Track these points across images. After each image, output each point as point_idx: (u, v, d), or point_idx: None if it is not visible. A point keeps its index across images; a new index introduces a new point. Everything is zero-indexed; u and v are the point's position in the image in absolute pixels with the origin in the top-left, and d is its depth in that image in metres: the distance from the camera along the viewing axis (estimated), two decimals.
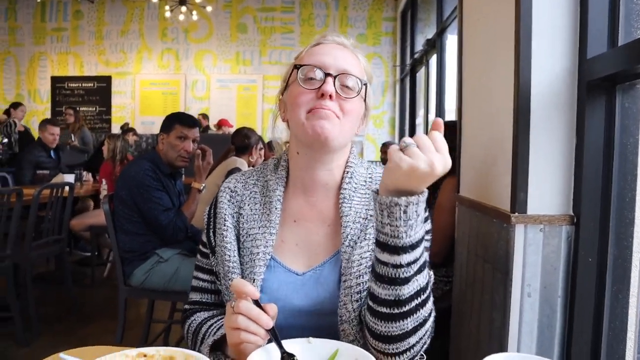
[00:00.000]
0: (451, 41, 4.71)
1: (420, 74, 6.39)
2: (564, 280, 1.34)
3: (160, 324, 3.09)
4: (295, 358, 0.76)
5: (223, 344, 0.91)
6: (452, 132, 2.34)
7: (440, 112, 4.92)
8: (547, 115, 1.36)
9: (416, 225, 0.78)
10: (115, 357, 0.73)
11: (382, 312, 0.84)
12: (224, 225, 1.02)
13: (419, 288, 0.82)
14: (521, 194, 1.35)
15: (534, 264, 1.34)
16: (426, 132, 0.77)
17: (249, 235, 1.01)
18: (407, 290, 0.81)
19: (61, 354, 0.72)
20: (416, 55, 6.23)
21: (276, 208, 1.01)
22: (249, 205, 1.04)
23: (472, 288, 1.73)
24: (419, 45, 6.13)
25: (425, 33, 6.24)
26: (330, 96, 0.94)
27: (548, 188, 1.36)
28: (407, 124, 7.08)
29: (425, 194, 0.79)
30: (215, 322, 0.99)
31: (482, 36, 1.80)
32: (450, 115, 4.33)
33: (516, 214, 1.35)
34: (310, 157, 1.01)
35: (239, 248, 1.01)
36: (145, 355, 0.75)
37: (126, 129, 7.14)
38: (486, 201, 1.63)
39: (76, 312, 3.64)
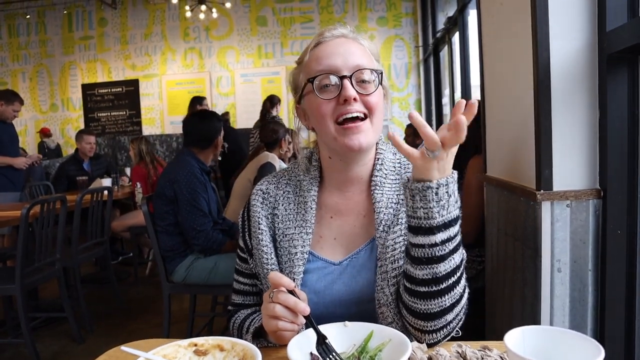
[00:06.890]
0: (473, 17, 4.63)
1: (444, 53, 6.30)
2: (594, 254, 1.35)
3: (204, 317, 3.22)
4: (327, 340, 0.81)
5: (264, 332, 0.96)
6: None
7: (465, 90, 4.86)
8: (568, 91, 1.37)
9: (448, 205, 0.83)
10: (169, 347, 0.80)
11: (421, 291, 0.87)
12: (259, 229, 1.05)
13: (455, 266, 0.86)
14: (546, 171, 1.37)
15: (563, 239, 1.36)
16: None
17: (286, 235, 1.03)
18: (444, 267, 0.85)
19: (122, 347, 0.80)
20: (438, 34, 6.15)
21: (311, 208, 1.03)
22: (283, 205, 1.06)
23: (504, 266, 1.75)
24: (441, 24, 6.04)
25: (446, 11, 6.13)
26: (355, 99, 0.94)
27: (573, 164, 1.37)
28: (433, 105, 7.01)
29: (455, 175, 0.83)
30: (257, 315, 1.04)
31: (501, 14, 1.80)
32: (476, 92, 4.28)
33: (542, 191, 1.36)
34: (344, 161, 1.03)
35: (276, 248, 1.04)
36: (196, 345, 0.82)
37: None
38: (513, 180, 1.65)
39: (123, 309, 3.81)
